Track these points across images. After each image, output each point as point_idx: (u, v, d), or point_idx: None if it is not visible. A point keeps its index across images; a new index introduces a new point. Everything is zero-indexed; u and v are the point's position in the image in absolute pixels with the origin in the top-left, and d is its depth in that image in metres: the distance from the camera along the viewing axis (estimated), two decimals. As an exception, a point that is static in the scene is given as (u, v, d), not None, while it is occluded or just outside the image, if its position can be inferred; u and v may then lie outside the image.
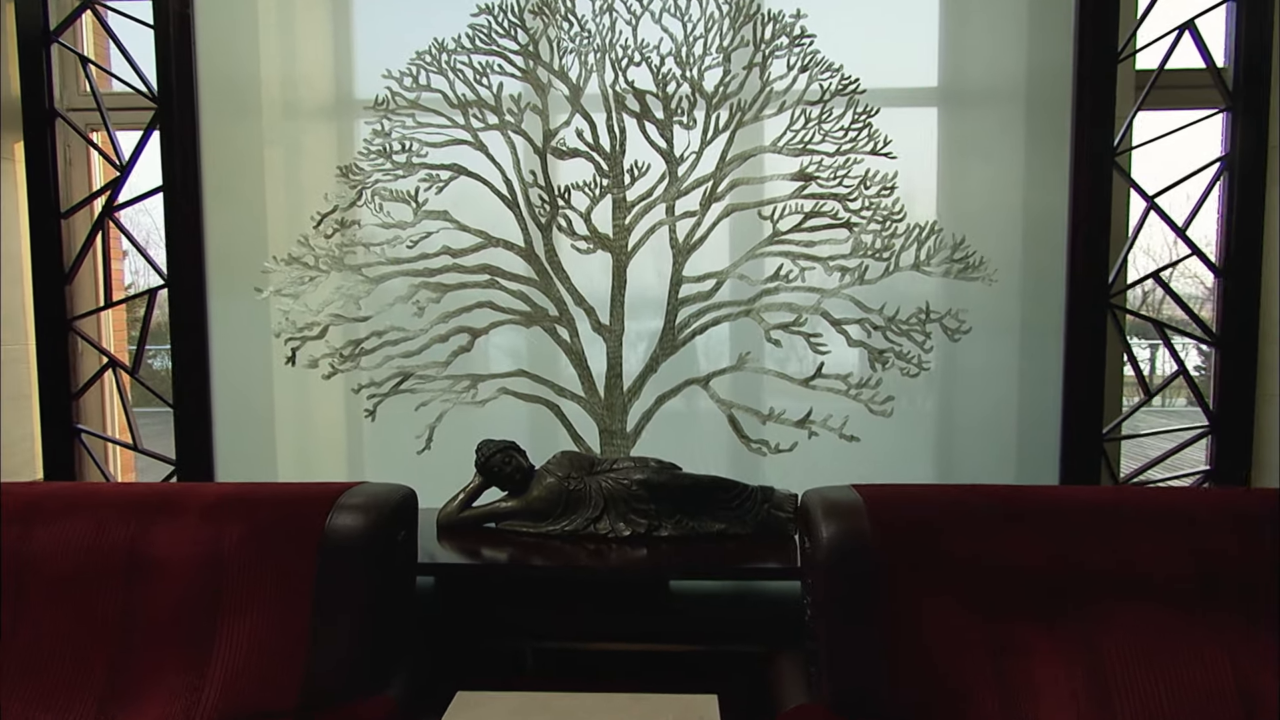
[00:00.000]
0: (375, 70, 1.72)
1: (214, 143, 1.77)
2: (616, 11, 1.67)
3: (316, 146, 1.82)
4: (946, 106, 1.81)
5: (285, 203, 1.79)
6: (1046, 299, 1.70)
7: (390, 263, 1.72)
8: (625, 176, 1.68)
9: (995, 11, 1.74)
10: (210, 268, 1.76)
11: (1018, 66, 1.76)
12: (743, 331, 1.71)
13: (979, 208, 1.72)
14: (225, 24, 1.77)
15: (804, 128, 1.66)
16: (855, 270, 1.67)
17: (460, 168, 1.70)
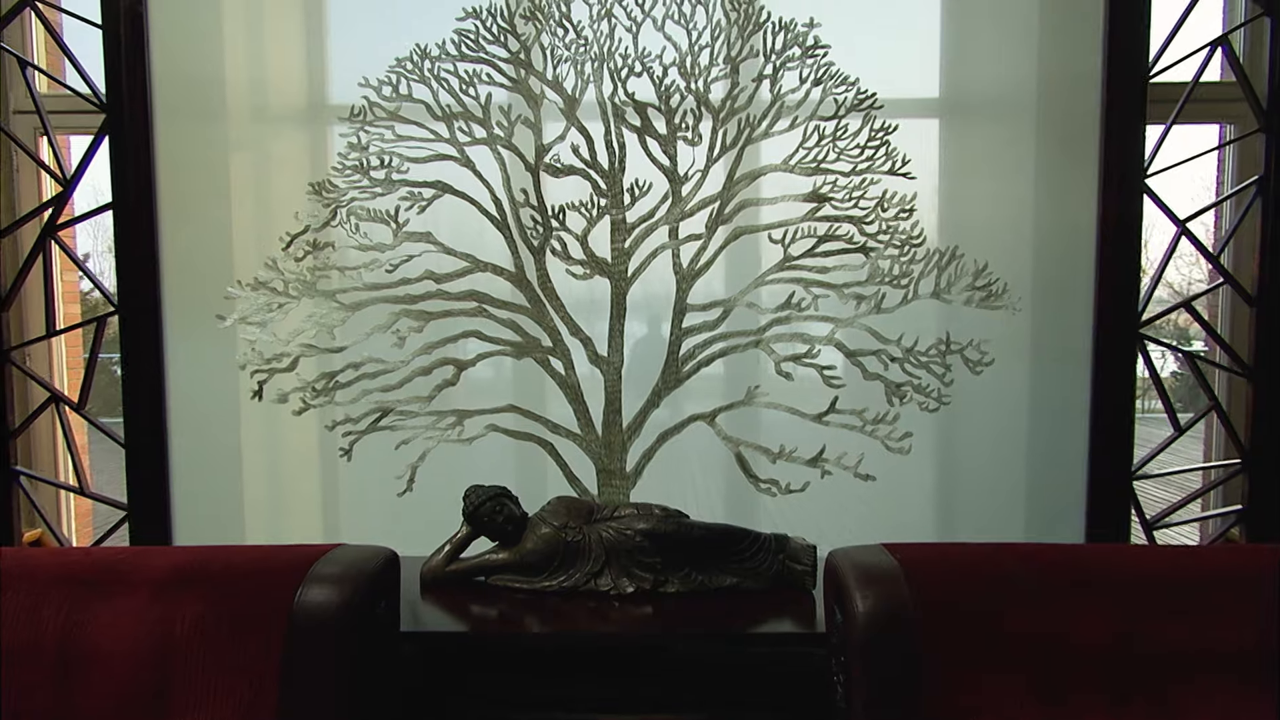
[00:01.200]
0: (351, 74, 1.57)
1: (172, 153, 1.61)
2: (615, 17, 1.54)
3: (287, 156, 1.67)
4: (949, 118, 1.71)
5: (253, 219, 1.64)
6: (1061, 325, 1.61)
7: (368, 288, 1.57)
8: (625, 196, 1.55)
9: (1002, 19, 1.64)
10: (166, 292, 1.60)
11: (1027, 77, 1.66)
12: (751, 364, 1.60)
13: (984, 225, 1.61)
14: (185, 22, 1.61)
15: (817, 145, 1.54)
16: (872, 298, 1.56)
17: (445, 185, 1.56)
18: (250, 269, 1.59)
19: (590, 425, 1.59)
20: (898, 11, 1.65)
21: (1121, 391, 1.55)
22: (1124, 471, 1.56)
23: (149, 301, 1.58)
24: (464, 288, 1.57)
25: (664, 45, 1.54)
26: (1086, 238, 1.62)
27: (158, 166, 1.60)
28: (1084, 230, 1.62)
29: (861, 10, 1.62)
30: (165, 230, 1.61)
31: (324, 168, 1.61)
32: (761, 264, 1.57)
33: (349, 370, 1.58)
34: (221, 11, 1.64)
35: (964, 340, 1.56)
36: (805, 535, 1.42)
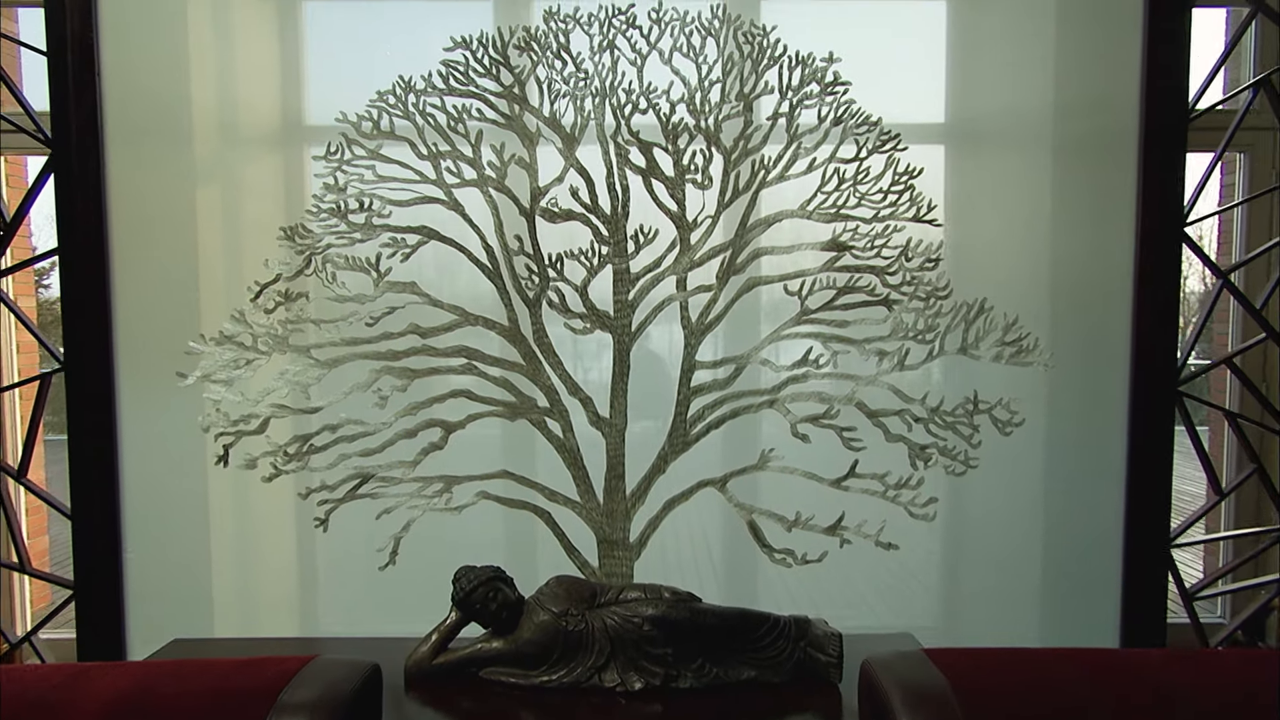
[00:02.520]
0: (329, 94, 1.44)
1: (129, 188, 1.46)
2: (619, 49, 1.41)
3: (260, 185, 1.53)
4: (955, 145, 1.61)
5: (221, 263, 1.49)
6: (1083, 377, 1.51)
7: (346, 343, 1.43)
8: (628, 244, 1.43)
9: (1014, 42, 1.54)
10: (119, 346, 1.45)
11: (1043, 104, 1.56)
12: (765, 424, 1.48)
13: (993, 261, 1.51)
14: (145, 42, 1.47)
15: (837, 189, 1.43)
16: (895, 354, 1.45)
17: (431, 231, 1.43)
18: (217, 319, 1.44)
19: (591, 492, 1.46)
20: (901, 32, 1.54)
21: (1159, 454, 1.46)
22: (1162, 540, 1.46)
23: (99, 357, 1.43)
24: (452, 343, 1.44)
25: (671, 80, 1.41)
26: (1115, 279, 1.53)
27: (110, 206, 1.45)
28: (1114, 271, 1.53)
29: (862, 30, 1.51)
30: (119, 277, 1.46)
31: (300, 199, 1.47)
32: (776, 318, 1.46)
33: (325, 433, 1.44)
34: (187, 30, 1.49)
35: (992, 398, 1.46)
36: (812, 602, 1.31)
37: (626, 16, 1.41)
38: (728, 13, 1.41)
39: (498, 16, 1.58)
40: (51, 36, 1.40)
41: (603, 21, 1.41)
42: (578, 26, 1.41)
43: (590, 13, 1.41)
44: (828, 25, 1.52)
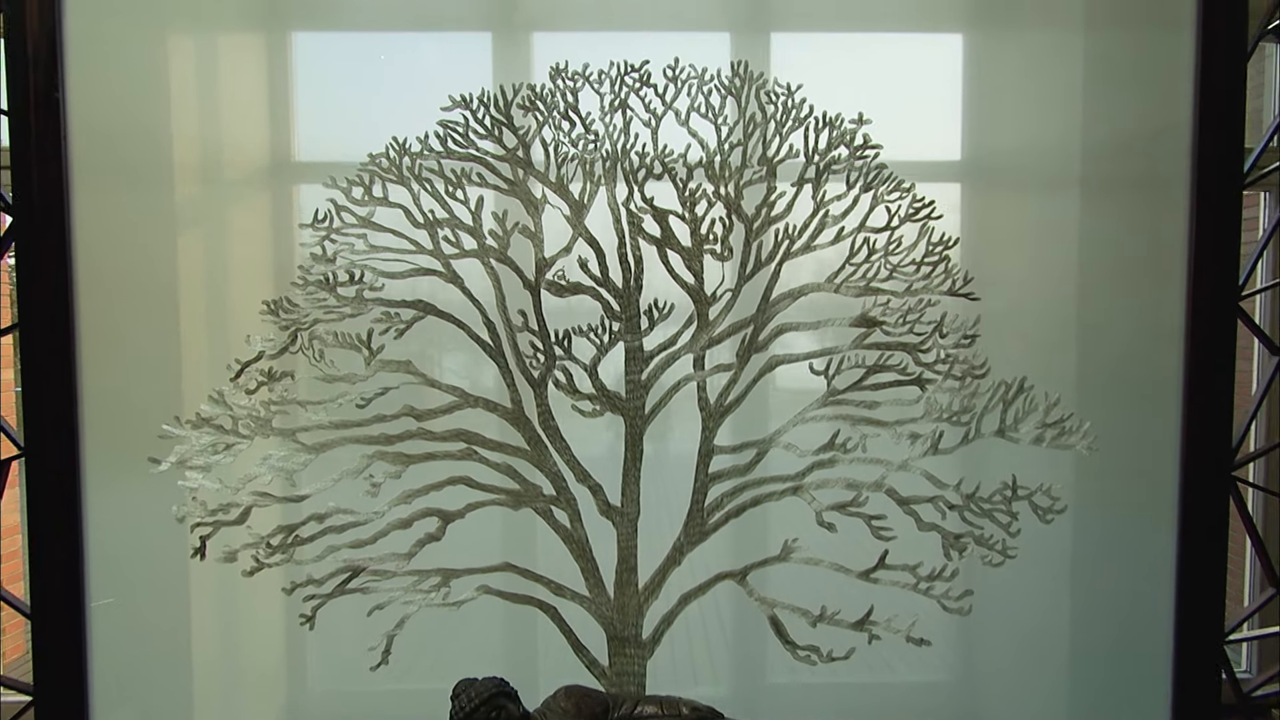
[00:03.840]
0: (320, 141, 1.33)
1: (97, 254, 1.34)
2: (631, 109, 1.30)
3: (244, 240, 1.41)
4: (972, 184, 1.50)
5: (204, 334, 1.38)
6: (1117, 457, 1.40)
7: (334, 426, 1.32)
8: (642, 319, 1.32)
9: (1037, 77, 1.43)
10: (86, 429, 1.33)
11: (1069, 143, 1.45)
12: (787, 511, 1.37)
13: (1014, 307, 1.40)
14: (118, 89, 1.35)
15: (867, 260, 1.33)
16: (928, 437, 1.35)
17: (427, 305, 1.32)
18: (199, 397, 1.33)
19: (600, 586, 1.35)
20: (914, 61, 1.43)
21: (1213, 546, 1.36)
22: (1215, 635, 1.37)
23: (63, 441, 1.31)
24: (450, 426, 1.32)
25: (688, 143, 1.30)
26: (1154, 342, 1.43)
27: (78, 274, 1.33)
28: (1153, 332, 1.42)
29: (871, 59, 1.40)
30: (86, 352, 1.33)
31: (289, 244, 1.36)
32: (801, 399, 1.35)
33: (312, 523, 1.32)
34: (168, 69, 1.37)
35: (1032, 484, 1.36)
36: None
37: (640, 74, 1.30)
38: (749, 70, 1.31)
39: (496, 50, 1.47)
40: (13, 92, 1.28)
41: (614, 79, 1.30)
42: (587, 84, 1.30)
43: (600, 70, 1.30)
44: (837, 60, 1.42)
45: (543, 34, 1.40)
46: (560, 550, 1.35)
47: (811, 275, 1.33)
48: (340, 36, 1.41)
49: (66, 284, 1.30)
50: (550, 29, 1.39)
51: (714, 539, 1.35)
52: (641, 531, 1.35)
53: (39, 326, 1.30)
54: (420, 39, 1.41)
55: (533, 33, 1.41)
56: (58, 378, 1.30)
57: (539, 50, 1.38)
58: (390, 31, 1.40)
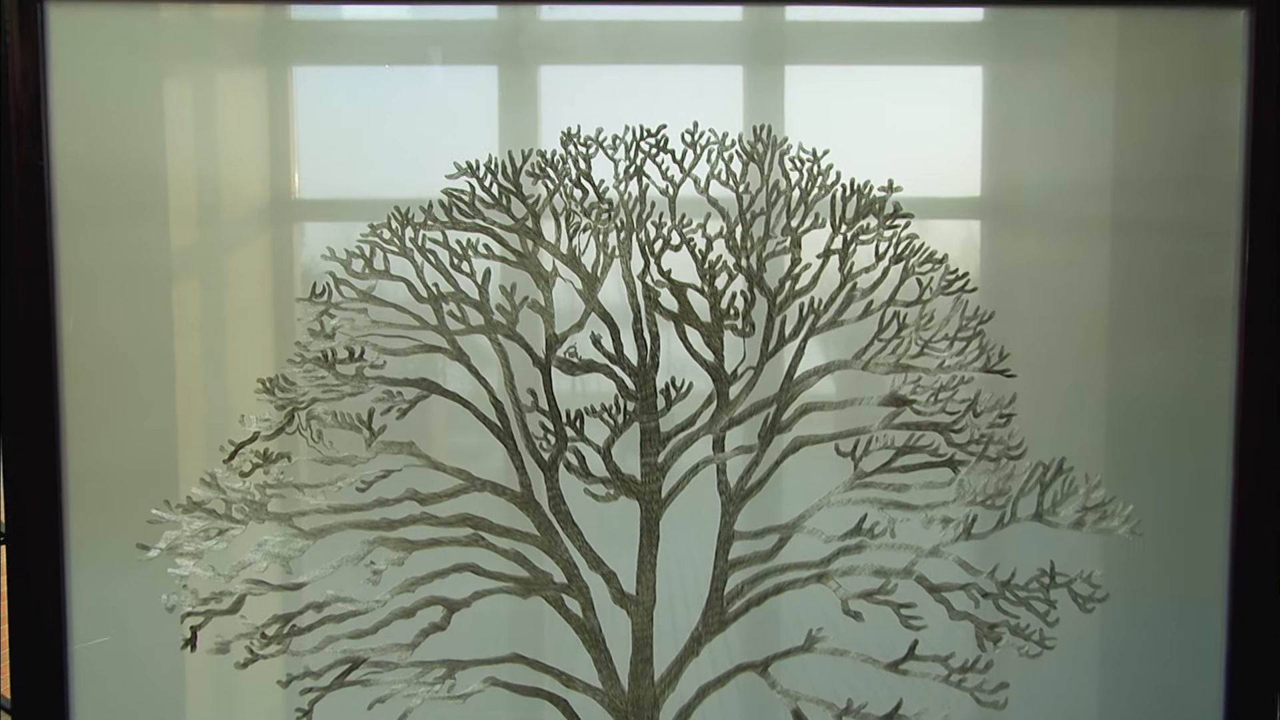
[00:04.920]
0: (321, 179, 1.26)
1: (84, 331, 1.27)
2: (648, 176, 1.23)
3: (244, 292, 1.34)
4: (992, 222, 1.42)
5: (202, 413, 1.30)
6: (1158, 539, 1.32)
7: (334, 511, 1.25)
8: (658, 399, 1.25)
9: (1063, 105, 1.34)
10: (70, 514, 1.26)
11: (1100, 179, 1.35)
12: (811, 599, 1.30)
13: (1036, 354, 1.31)
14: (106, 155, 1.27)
15: (896, 336, 1.26)
16: (961, 522, 1.27)
17: (431, 384, 1.25)
18: (192, 477, 1.26)
19: (614, 677, 1.28)
20: (929, 92, 1.35)
21: (1265, 636, 1.29)
22: (1264, 731, 1.30)
23: (47, 524, 1.24)
24: (456, 510, 1.25)
25: (708, 212, 1.23)
26: (1195, 408, 1.34)
27: (63, 352, 1.26)
28: (1196, 397, 1.34)
29: (888, 96, 1.33)
30: (70, 430, 1.27)
31: (288, 295, 1.29)
32: (826, 481, 1.28)
33: (310, 612, 1.26)
34: (163, 122, 1.30)
35: (1071, 571, 1.29)
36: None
37: (657, 139, 1.23)
38: (772, 135, 1.23)
39: (501, 82, 1.39)
40: (-4, 166, 1.22)
41: (629, 145, 1.23)
42: (600, 150, 1.23)
43: (615, 134, 1.23)
44: (850, 92, 1.34)
45: (550, 67, 1.33)
46: (571, 640, 1.28)
47: (838, 352, 1.27)
48: (342, 71, 1.33)
49: (50, 358, 1.24)
50: (556, 61, 1.32)
51: (734, 628, 1.28)
52: (657, 620, 1.28)
53: (21, 404, 1.23)
54: (425, 71, 1.34)
55: (540, 66, 1.34)
56: (40, 457, 1.23)
57: (546, 81, 1.31)
58: (395, 65, 1.33)
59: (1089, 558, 1.30)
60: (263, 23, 1.31)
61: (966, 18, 1.39)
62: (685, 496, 1.27)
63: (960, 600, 1.28)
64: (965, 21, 1.39)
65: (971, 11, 1.39)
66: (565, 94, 1.29)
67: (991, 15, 1.38)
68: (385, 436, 1.24)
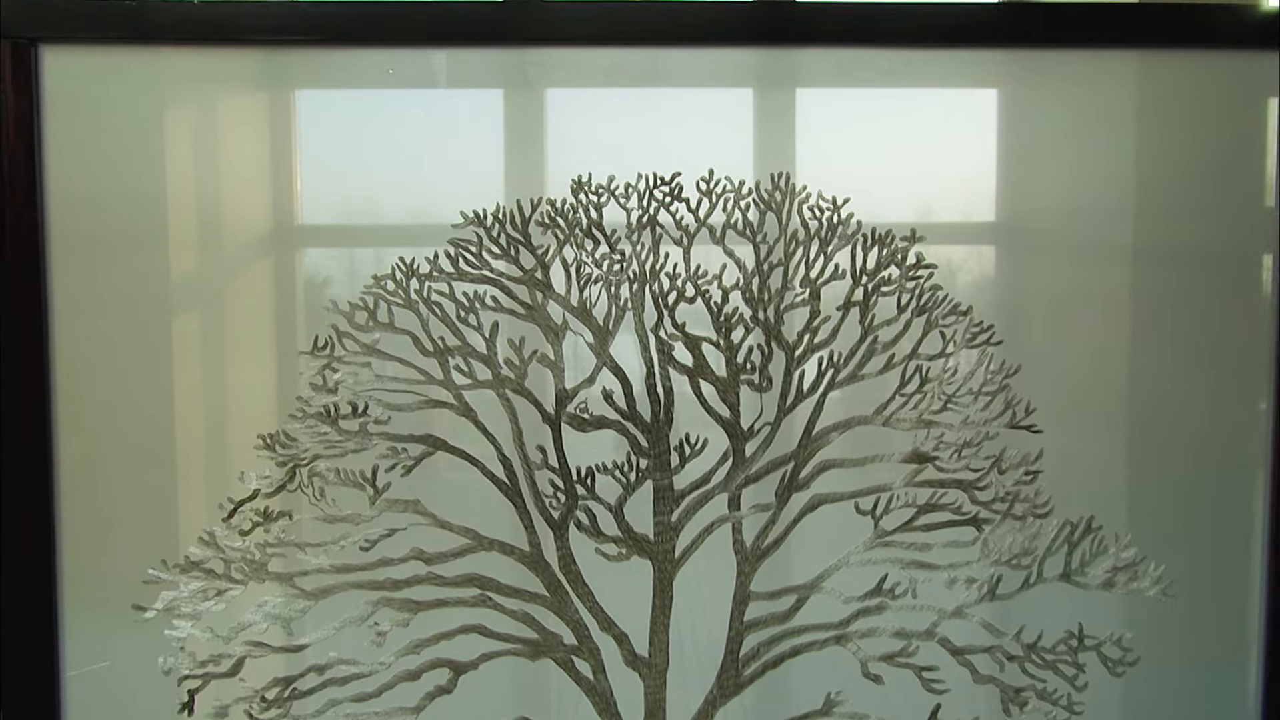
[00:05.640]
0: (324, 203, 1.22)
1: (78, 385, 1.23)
2: (661, 226, 1.19)
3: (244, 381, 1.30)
4: (1007, 248, 1.38)
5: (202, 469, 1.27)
6: (1187, 599, 1.27)
7: (337, 570, 1.21)
8: (672, 456, 1.21)
9: (1082, 128, 1.29)
10: (65, 575, 1.22)
11: (1122, 204, 1.30)
12: (828, 661, 1.26)
13: (1053, 389, 1.25)
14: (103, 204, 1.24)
15: (919, 391, 1.21)
16: (985, 582, 1.23)
17: (437, 440, 1.21)
18: (190, 535, 1.22)
19: (625, 742, 1.25)
20: (942, 115, 1.30)
21: (1298, 702, 1.24)
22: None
23: (39, 586, 1.21)
24: (463, 570, 1.21)
25: (724, 263, 1.19)
26: (1225, 455, 1.30)
27: (57, 402, 1.23)
28: (1225, 443, 1.29)
29: (900, 118, 1.29)
30: (65, 487, 1.23)
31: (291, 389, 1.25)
32: (846, 540, 1.24)
33: (311, 675, 1.21)
34: (164, 150, 1.26)
35: (1100, 633, 1.24)
36: None
37: (671, 188, 1.19)
38: (790, 183, 1.19)
39: (507, 107, 1.35)
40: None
41: (642, 193, 1.19)
42: (612, 199, 1.19)
43: (627, 183, 1.19)
44: (862, 114, 1.30)
45: (555, 90, 1.29)
46: (582, 704, 1.24)
47: (858, 407, 1.22)
48: (345, 95, 1.29)
49: (45, 415, 1.20)
50: (563, 84, 1.28)
51: (749, 692, 1.24)
52: (670, 684, 1.24)
53: (12, 459, 1.19)
54: (428, 95, 1.30)
55: (545, 89, 1.30)
56: (32, 517, 1.20)
57: (552, 106, 1.27)
58: (399, 89, 1.29)
59: (1111, 618, 1.26)
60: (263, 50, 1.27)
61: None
62: (699, 556, 1.23)
63: (985, 663, 1.23)
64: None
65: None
66: (572, 117, 1.25)
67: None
68: (389, 494, 1.20)
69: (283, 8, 1.18)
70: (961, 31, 1.26)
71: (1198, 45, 1.29)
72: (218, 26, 1.15)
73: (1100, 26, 1.28)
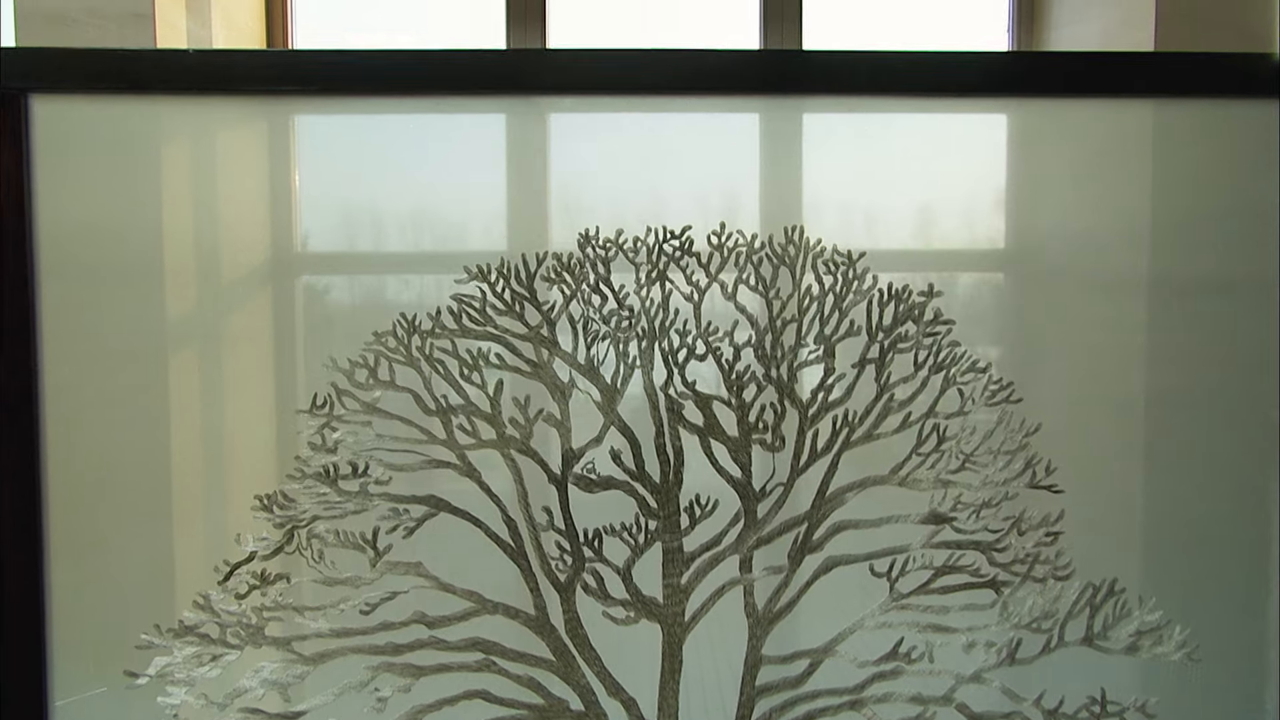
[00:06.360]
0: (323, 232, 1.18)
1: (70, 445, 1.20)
2: (671, 281, 1.15)
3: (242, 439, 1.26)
4: (1016, 275, 1.34)
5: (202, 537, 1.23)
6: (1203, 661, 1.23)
7: (336, 635, 1.17)
8: (682, 517, 1.17)
9: (1095, 151, 1.26)
10: (55, 636, 1.19)
11: (1138, 233, 1.27)
12: (844, 726, 1.23)
13: (1063, 423, 1.21)
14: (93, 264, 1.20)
15: (936, 450, 1.18)
16: (1004, 646, 1.19)
17: (439, 501, 1.17)
18: (186, 598, 1.18)
19: (634, 811, 1.21)
20: (952, 144, 1.27)
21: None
22: None
23: (27, 654, 1.17)
24: (466, 634, 1.17)
25: (736, 319, 1.16)
26: (1241, 499, 1.26)
27: (47, 463, 1.19)
28: (1241, 489, 1.26)
29: (906, 140, 1.26)
30: (55, 550, 1.20)
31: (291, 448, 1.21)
32: (861, 603, 1.20)
33: (310, 741, 1.19)
34: (161, 187, 1.23)
35: (1125, 699, 1.21)
36: None
37: (681, 242, 1.15)
38: (804, 237, 1.16)
39: (510, 129, 1.31)
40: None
41: (651, 248, 1.15)
42: (620, 254, 1.15)
43: (637, 237, 1.15)
44: (868, 135, 1.27)
45: (558, 115, 1.25)
46: (588, 770, 1.21)
47: (874, 467, 1.19)
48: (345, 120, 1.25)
49: (34, 470, 1.16)
50: (566, 109, 1.24)
51: (762, 758, 1.21)
52: (680, 750, 1.21)
53: (2, 521, 1.16)
54: (430, 120, 1.26)
55: (549, 114, 1.26)
56: (22, 583, 1.16)
57: (555, 128, 1.23)
58: (399, 114, 1.25)
59: (1130, 681, 1.23)
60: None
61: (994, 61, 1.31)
62: (710, 619, 1.19)
63: (1003, 728, 1.20)
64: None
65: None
66: (575, 139, 1.22)
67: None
68: (391, 556, 1.17)
69: (281, 57, 1.15)
70: (974, 82, 1.23)
71: (1204, 95, 1.25)
72: (214, 77, 1.12)
73: (1113, 78, 1.24)
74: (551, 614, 1.18)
